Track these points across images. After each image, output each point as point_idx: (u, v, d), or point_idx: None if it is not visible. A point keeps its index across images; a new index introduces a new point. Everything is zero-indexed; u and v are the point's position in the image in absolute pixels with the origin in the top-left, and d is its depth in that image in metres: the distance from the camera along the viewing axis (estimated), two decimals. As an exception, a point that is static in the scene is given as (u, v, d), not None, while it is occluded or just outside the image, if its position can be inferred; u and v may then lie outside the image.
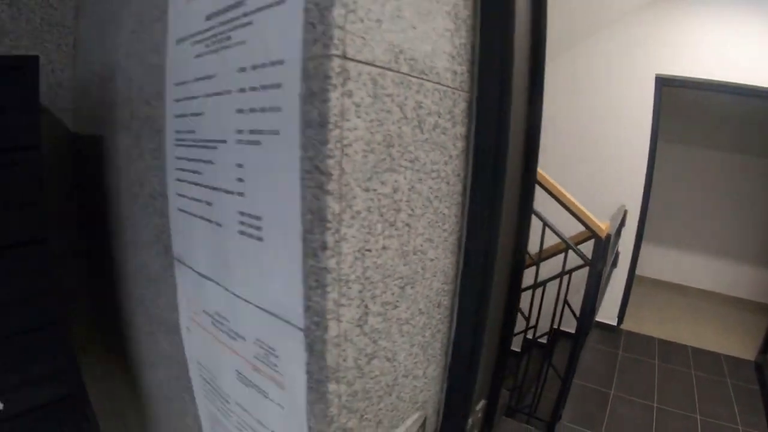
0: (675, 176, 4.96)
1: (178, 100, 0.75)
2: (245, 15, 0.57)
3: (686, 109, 4.67)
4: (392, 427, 0.71)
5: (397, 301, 0.63)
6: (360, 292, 0.55)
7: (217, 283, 0.72)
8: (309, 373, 0.57)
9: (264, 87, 0.55)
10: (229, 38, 0.61)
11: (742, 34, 3.24)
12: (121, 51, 0.99)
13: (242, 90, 0.59)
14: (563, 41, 3.56)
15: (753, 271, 4.90)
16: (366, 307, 0.57)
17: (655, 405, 3.12)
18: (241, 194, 0.61)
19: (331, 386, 0.56)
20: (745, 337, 4.08)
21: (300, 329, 0.56)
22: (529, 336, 2.49)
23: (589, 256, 2.20)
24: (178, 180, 0.77)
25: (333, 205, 0.49)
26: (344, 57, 0.46)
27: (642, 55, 3.46)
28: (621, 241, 3.65)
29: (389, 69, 0.52)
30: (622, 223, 3.48)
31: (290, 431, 0.65)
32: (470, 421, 0.85)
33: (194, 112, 0.70)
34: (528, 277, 2.29)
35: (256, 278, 0.62)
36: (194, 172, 0.72)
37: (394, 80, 0.53)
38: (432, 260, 0.69)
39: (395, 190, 0.57)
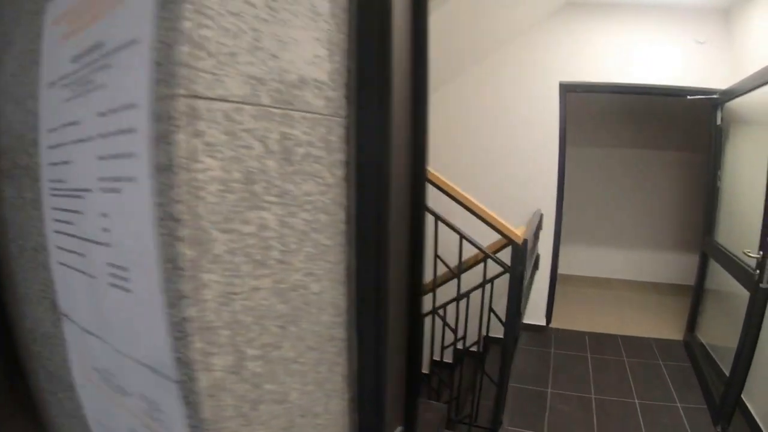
0: (585, 176, 5.25)
1: (51, 147, 0.71)
2: (104, 56, 0.56)
3: (592, 112, 4.98)
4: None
5: (279, 341, 0.62)
6: (231, 337, 0.54)
7: (99, 338, 0.68)
8: (191, 427, 0.55)
9: (121, 132, 0.54)
10: (91, 81, 0.59)
11: (635, 40, 3.52)
12: (1, 96, 0.93)
13: (103, 136, 0.57)
14: (469, 57, 3.71)
15: (667, 255, 5.27)
16: (241, 352, 0.56)
17: (593, 396, 3.24)
18: (107, 245, 0.60)
19: (215, 439, 0.54)
20: (671, 319, 4.35)
21: (175, 382, 0.54)
22: (460, 346, 2.52)
23: (509, 262, 2.28)
24: (56, 232, 0.73)
25: (187, 252, 0.48)
26: (191, 95, 0.46)
27: (546, 65, 3.67)
28: (540, 244, 3.82)
29: (246, 103, 0.51)
30: (539, 226, 3.65)
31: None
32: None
33: (63, 160, 0.67)
34: (451, 289, 2.34)
35: (131, 332, 0.60)
36: (67, 222, 0.68)
37: (253, 114, 0.52)
38: (317, 294, 0.68)
39: (262, 228, 0.57)
